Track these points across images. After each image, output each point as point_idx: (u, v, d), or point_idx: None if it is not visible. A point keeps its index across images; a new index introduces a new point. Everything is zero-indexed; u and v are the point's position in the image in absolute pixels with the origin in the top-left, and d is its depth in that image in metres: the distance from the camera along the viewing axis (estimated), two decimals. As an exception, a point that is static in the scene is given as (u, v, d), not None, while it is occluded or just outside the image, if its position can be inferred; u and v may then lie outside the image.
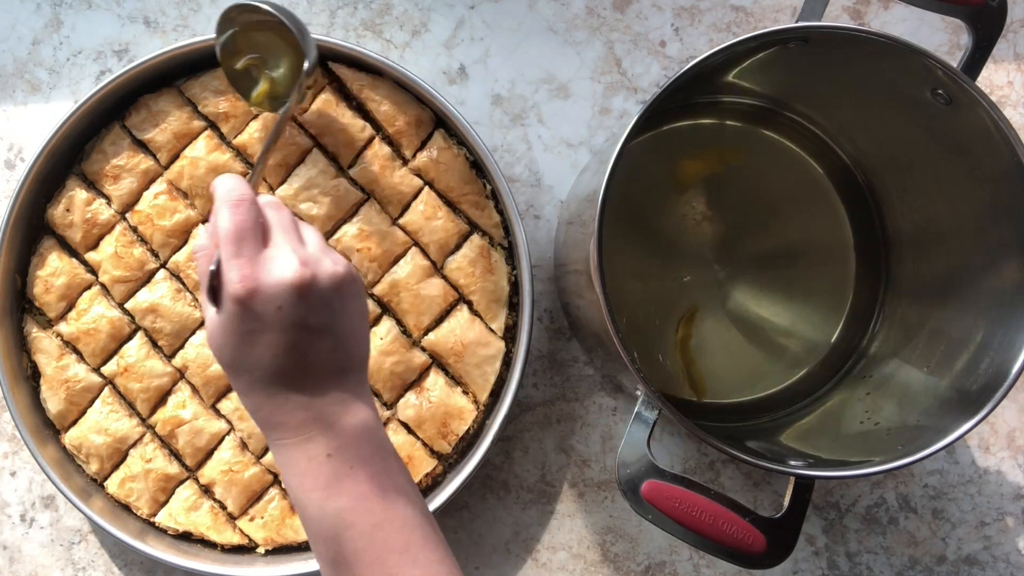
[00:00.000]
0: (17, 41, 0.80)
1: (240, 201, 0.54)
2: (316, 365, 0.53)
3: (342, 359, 0.54)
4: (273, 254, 0.53)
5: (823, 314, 0.78)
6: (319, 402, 0.53)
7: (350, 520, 0.51)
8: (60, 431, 0.74)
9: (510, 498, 0.78)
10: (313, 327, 0.53)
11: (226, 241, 0.53)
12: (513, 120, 0.80)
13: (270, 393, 0.53)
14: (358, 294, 0.56)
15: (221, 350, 0.54)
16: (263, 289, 0.51)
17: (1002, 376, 0.60)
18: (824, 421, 0.74)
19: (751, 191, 0.78)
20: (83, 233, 0.74)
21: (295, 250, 0.53)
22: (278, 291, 0.51)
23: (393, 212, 0.74)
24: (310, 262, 0.53)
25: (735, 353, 0.77)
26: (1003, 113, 0.60)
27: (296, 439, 0.53)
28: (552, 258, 0.79)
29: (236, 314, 0.52)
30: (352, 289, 0.55)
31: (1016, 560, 0.79)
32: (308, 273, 0.52)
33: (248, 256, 0.52)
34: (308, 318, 0.52)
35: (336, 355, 0.54)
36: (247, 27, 0.68)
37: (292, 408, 0.53)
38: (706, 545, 0.60)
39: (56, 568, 0.77)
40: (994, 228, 0.65)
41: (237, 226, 0.53)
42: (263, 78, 0.69)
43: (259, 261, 0.52)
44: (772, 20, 0.81)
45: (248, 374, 0.53)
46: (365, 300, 0.57)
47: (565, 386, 0.79)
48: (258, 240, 0.53)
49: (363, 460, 0.52)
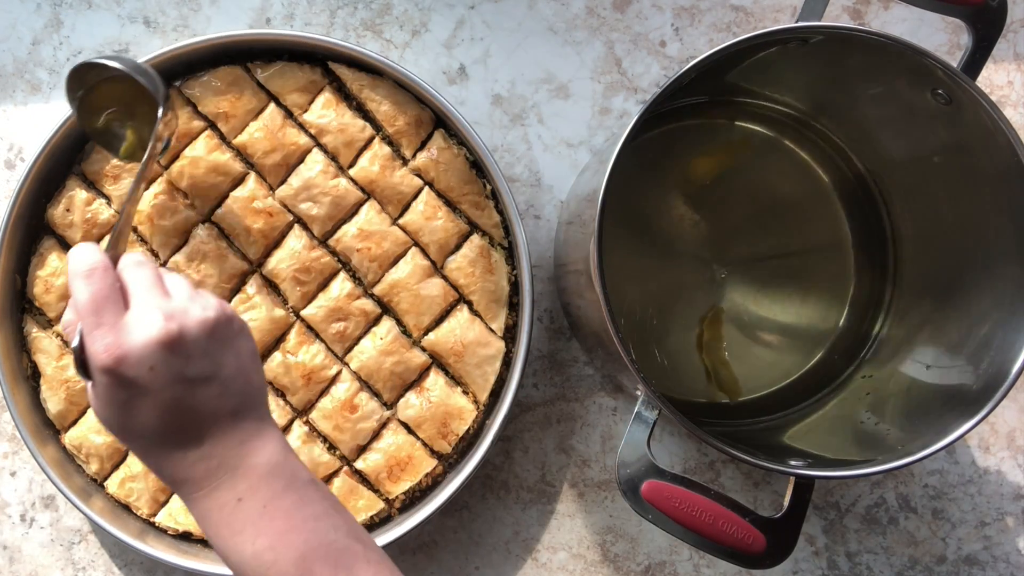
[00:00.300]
0: (17, 41, 0.80)
1: (91, 271, 0.53)
2: (206, 415, 0.52)
3: (233, 402, 0.53)
4: (135, 315, 0.52)
5: (822, 314, 0.78)
6: (219, 449, 0.52)
7: (271, 559, 0.50)
8: (60, 431, 0.74)
9: (510, 498, 0.78)
10: (193, 378, 0.52)
11: (85, 313, 0.52)
12: (513, 120, 0.80)
13: (168, 452, 0.52)
14: (238, 333, 0.55)
15: (107, 422, 0.53)
16: (130, 354, 0.50)
17: (1002, 376, 0.61)
18: (824, 421, 0.74)
19: (751, 191, 0.78)
20: (83, 233, 0.74)
21: (158, 306, 0.52)
22: (146, 352, 0.50)
23: (393, 212, 0.74)
24: (176, 314, 0.52)
25: (735, 353, 0.77)
26: (1003, 113, 0.60)
27: (205, 490, 0.52)
28: (552, 258, 0.79)
29: (109, 385, 0.51)
30: (228, 330, 0.54)
31: (1016, 560, 0.79)
32: (174, 326, 0.51)
33: (109, 324, 0.51)
34: (185, 371, 0.51)
35: (225, 399, 0.53)
36: (100, 83, 0.66)
37: (193, 461, 0.52)
38: (706, 545, 0.60)
39: (56, 568, 0.77)
40: (994, 228, 0.65)
41: (92, 296, 0.52)
42: (128, 130, 0.67)
43: (121, 327, 0.51)
44: (772, 20, 0.81)
45: (140, 439, 0.53)
46: (248, 336, 0.56)
47: (565, 386, 0.79)
48: (118, 305, 0.52)
49: (275, 496, 0.52)
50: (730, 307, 0.78)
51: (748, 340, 0.78)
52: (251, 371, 0.55)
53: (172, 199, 0.74)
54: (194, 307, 0.53)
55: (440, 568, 0.78)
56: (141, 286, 0.54)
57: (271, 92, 0.74)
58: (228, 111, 0.74)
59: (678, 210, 0.78)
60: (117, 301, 0.53)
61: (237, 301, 0.73)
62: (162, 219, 0.73)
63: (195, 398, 0.52)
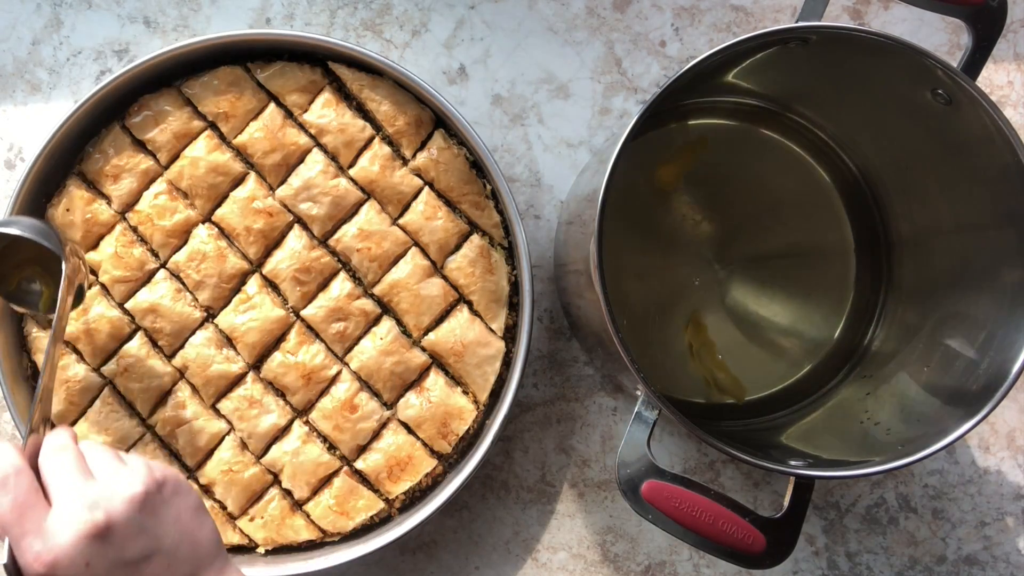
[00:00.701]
0: (17, 41, 0.80)
1: (5, 479, 0.50)
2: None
3: (184, 567, 0.52)
4: (56, 514, 0.50)
5: (823, 314, 0.78)
6: None
7: None
8: (60, 431, 0.74)
9: (510, 498, 0.78)
10: (134, 560, 0.50)
11: (8, 524, 0.49)
12: (513, 120, 0.80)
13: None
14: (173, 494, 0.53)
15: None
16: (60, 557, 0.48)
17: (1002, 376, 0.60)
18: (824, 421, 0.74)
19: (751, 191, 0.78)
20: (83, 233, 0.73)
21: (80, 495, 0.50)
22: (76, 550, 0.48)
23: (393, 212, 0.74)
24: (100, 501, 0.50)
25: (735, 353, 0.77)
26: (1003, 113, 0.60)
27: None
28: (552, 258, 0.79)
29: None
30: (160, 497, 0.52)
31: (1016, 560, 0.79)
32: (100, 515, 0.49)
33: (33, 529, 0.49)
34: (124, 555, 0.50)
35: (175, 568, 0.51)
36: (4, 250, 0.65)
37: None
38: (706, 545, 0.60)
39: (56, 568, 0.77)
40: (994, 228, 0.65)
41: (12, 505, 0.50)
42: (44, 286, 0.67)
43: (47, 530, 0.49)
44: (772, 20, 0.81)
45: None
46: (186, 491, 0.54)
47: (565, 386, 0.79)
48: (39, 507, 0.50)
49: None
50: (731, 307, 0.78)
51: (748, 340, 0.78)
52: (195, 529, 0.53)
53: (172, 199, 0.74)
54: (119, 485, 0.51)
55: (440, 568, 0.78)
56: (60, 478, 0.51)
57: (271, 92, 0.74)
58: (228, 111, 0.74)
59: (678, 210, 0.78)
60: (37, 503, 0.50)
61: (237, 301, 0.73)
62: (162, 219, 0.73)
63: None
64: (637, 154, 0.75)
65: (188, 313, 0.73)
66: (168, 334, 0.73)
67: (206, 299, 0.73)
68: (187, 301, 0.73)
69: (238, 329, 0.73)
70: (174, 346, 0.73)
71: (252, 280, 0.74)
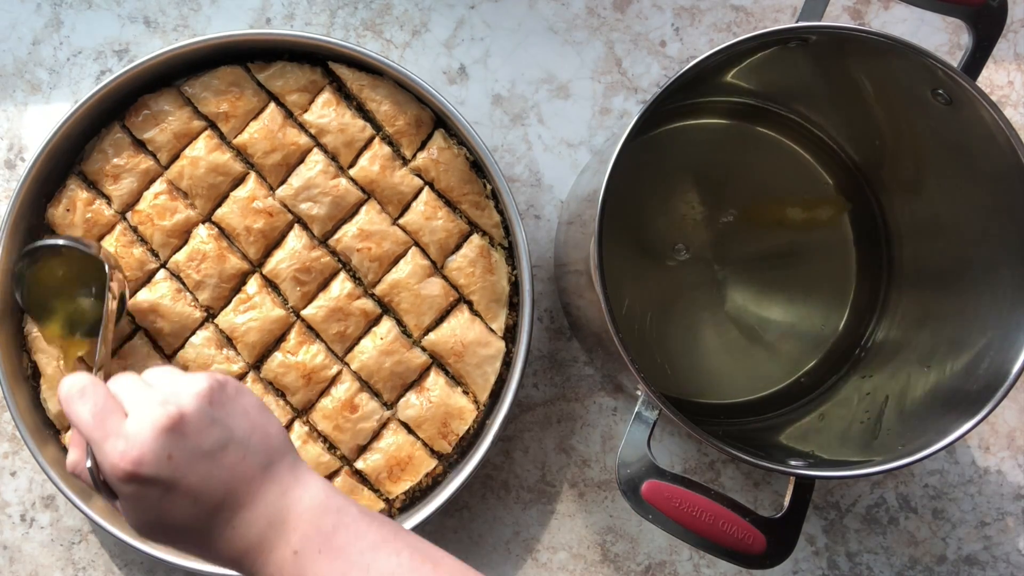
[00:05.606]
0: (17, 41, 0.80)
1: (83, 389, 0.53)
2: (238, 479, 0.52)
3: (259, 458, 0.53)
4: (134, 415, 0.51)
5: (823, 314, 0.78)
6: (262, 509, 0.52)
7: None
8: (60, 431, 0.74)
9: (510, 498, 0.78)
10: (212, 449, 0.51)
11: (90, 430, 0.52)
12: (513, 120, 0.80)
13: (218, 533, 0.52)
14: (236, 392, 0.54)
15: (151, 531, 0.53)
16: (144, 451, 0.50)
17: (1002, 376, 0.61)
18: (824, 421, 0.74)
19: (751, 190, 0.78)
20: (83, 233, 0.73)
21: (150, 398, 0.52)
22: (159, 443, 0.50)
23: (393, 212, 0.74)
24: (169, 398, 0.52)
25: (735, 353, 0.77)
26: (1003, 113, 0.60)
27: (264, 555, 0.51)
28: (552, 258, 0.79)
29: (137, 491, 0.51)
30: (224, 394, 0.54)
31: (1016, 560, 0.79)
32: (172, 409, 0.51)
33: (115, 432, 0.51)
34: (202, 445, 0.51)
35: (250, 459, 0.52)
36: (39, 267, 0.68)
37: (243, 531, 0.52)
38: (706, 545, 0.60)
39: (56, 568, 0.77)
40: (994, 228, 0.65)
41: (92, 411, 0.52)
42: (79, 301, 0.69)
43: (127, 431, 0.51)
44: (772, 20, 0.81)
45: (188, 533, 0.52)
46: (248, 392, 0.55)
47: (565, 386, 0.79)
48: (118, 414, 0.52)
49: (327, 538, 0.51)
50: (731, 307, 0.78)
51: (748, 340, 0.78)
52: (265, 423, 0.54)
53: (172, 199, 0.74)
54: (182, 385, 0.53)
55: (440, 568, 0.77)
56: (130, 390, 0.53)
57: (271, 92, 0.74)
58: (228, 111, 0.74)
59: (679, 209, 0.78)
60: (116, 410, 0.52)
61: (237, 301, 0.73)
62: (162, 219, 0.73)
63: (221, 468, 0.51)
64: (637, 154, 0.75)
65: (188, 313, 0.73)
66: (168, 334, 0.73)
67: (206, 299, 0.73)
68: (187, 301, 0.73)
69: (238, 329, 0.73)
70: (174, 346, 0.73)
71: (252, 280, 0.74)
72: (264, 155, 0.74)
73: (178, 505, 0.51)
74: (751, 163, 0.78)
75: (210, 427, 0.52)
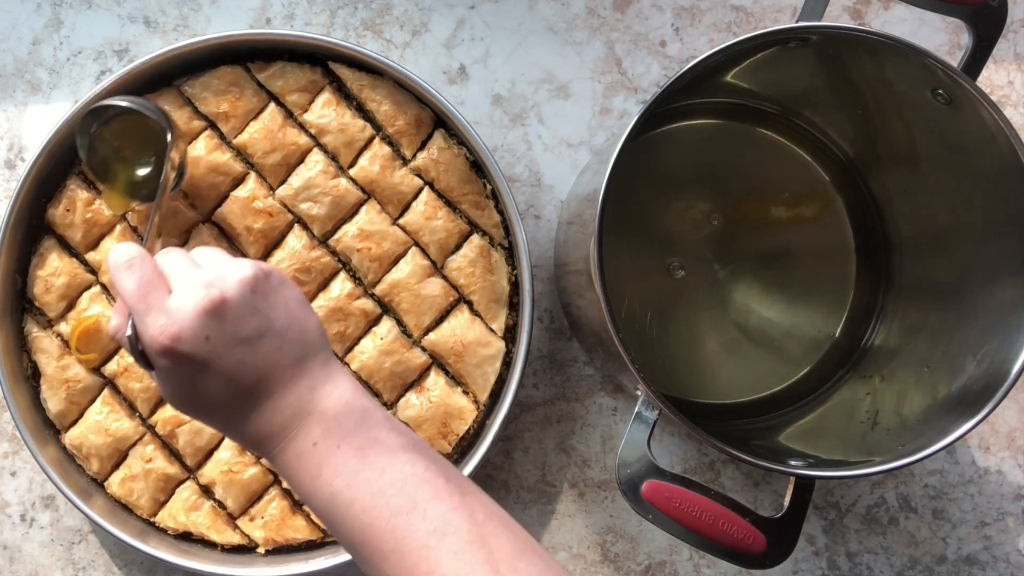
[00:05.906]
0: (17, 41, 0.80)
1: (131, 261, 0.54)
2: (271, 369, 0.53)
3: (294, 350, 0.54)
4: (178, 294, 0.53)
5: (823, 313, 0.78)
6: (290, 399, 0.53)
7: (349, 497, 0.51)
8: (60, 431, 0.74)
9: (510, 498, 0.78)
10: (248, 337, 0.52)
11: (134, 301, 0.53)
12: (513, 120, 0.80)
13: (245, 415, 0.53)
14: (280, 284, 0.55)
15: (181, 404, 0.54)
16: (184, 329, 0.51)
17: (1002, 376, 0.60)
18: (824, 421, 0.74)
19: (751, 191, 0.78)
20: (83, 233, 0.74)
21: (195, 279, 0.53)
22: (198, 323, 0.51)
23: (393, 212, 0.74)
24: (214, 282, 0.53)
25: (735, 353, 0.77)
26: (1003, 113, 0.60)
27: (284, 442, 0.53)
28: (552, 258, 0.79)
29: (172, 366, 0.52)
30: (268, 284, 0.55)
31: (1016, 560, 0.79)
32: (215, 292, 0.52)
33: (158, 307, 0.52)
34: (240, 331, 0.52)
35: (285, 350, 0.54)
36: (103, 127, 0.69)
37: (269, 416, 0.53)
38: (706, 545, 0.60)
39: (56, 568, 0.77)
40: (994, 228, 0.65)
41: (138, 283, 0.53)
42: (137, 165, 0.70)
43: (170, 307, 0.52)
44: (772, 20, 0.81)
45: (216, 411, 0.54)
46: (291, 286, 0.56)
47: (565, 386, 0.79)
48: (162, 290, 0.53)
49: (348, 435, 0.52)
50: (731, 307, 0.78)
51: (749, 340, 0.78)
52: (303, 318, 0.55)
53: (172, 199, 0.74)
54: (228, 270, 0.54)
55: (440, 568, 0.77)
56: (177, 268, 0.55)
57: (271, 92, 0.74)
58: (228, 111, 0.74)
59: (679, 209, 0.78)
60: (161, 285, 0.53)
61: (237, 301, 0.73)
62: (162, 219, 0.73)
63: (256, 355, 0.53)
64: (637, 154, 0.75)
65: (188, 313, 0.73)
66: (168, 334, 0.73)
67: (206, 299, 0.73)
68: (187, 301, 0.73)
69: (238, 329, 0.73)
70: (174, 346, 0.73)
71: (252, 280, 0.74)
72: (264, 155, 0.74)
73: (210, 384, 0.52)
74: (751, 163, 0.78)
75: (250, 315, 0.53)
